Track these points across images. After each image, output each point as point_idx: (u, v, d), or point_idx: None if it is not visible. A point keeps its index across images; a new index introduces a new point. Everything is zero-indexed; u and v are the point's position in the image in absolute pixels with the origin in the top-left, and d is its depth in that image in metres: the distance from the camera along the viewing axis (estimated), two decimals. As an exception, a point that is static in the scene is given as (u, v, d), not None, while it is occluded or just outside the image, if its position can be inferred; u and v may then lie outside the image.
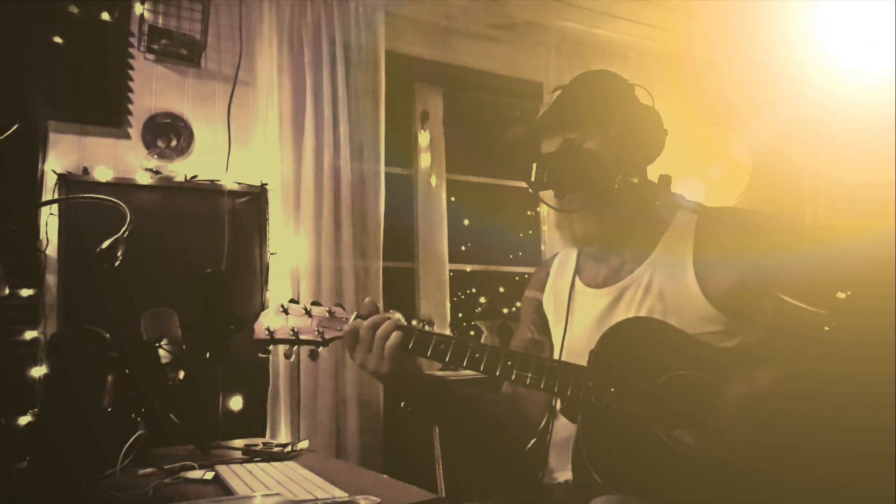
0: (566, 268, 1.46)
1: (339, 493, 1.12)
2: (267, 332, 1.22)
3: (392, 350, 1.17)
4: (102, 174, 2.32)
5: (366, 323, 1.20)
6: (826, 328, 1.08)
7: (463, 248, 3.33)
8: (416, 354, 1.20)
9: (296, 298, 1.27)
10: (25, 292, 2.15)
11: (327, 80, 2.63)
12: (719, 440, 1.08)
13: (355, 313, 1.23)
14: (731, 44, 3.16)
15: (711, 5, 3.17)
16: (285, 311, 1.24)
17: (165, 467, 1.37)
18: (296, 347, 1.24)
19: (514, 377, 1.15)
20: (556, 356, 1.36)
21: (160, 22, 2.48)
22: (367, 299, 1.26)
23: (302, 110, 2.60)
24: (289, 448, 1.62)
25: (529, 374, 1.15)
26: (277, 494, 1.12)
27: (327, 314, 1.24)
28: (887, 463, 1.01)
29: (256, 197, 2.55)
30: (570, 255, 1.48)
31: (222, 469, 1.35)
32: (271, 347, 1.25)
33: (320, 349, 1.24)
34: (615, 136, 1.30)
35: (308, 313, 1.24)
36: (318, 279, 2.53)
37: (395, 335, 1.18)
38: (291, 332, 1.22)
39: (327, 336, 1.22)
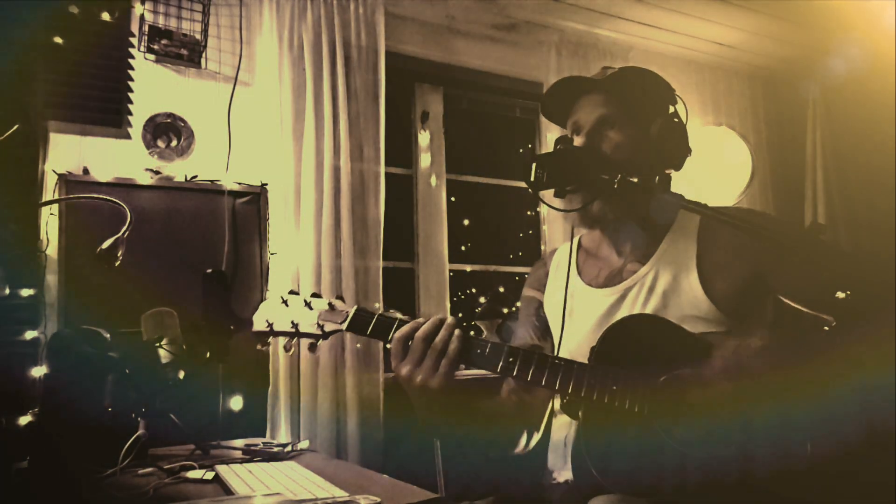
0: (566, 266, 1.46)
1: (339, 493, 1.12)
2: (266, 324, 1.21)
3: (449, 366, 1.13)
4: (102, 174, 2.32)
5: (419, 333, 1.13)
6: (826, 328, 1.08)
7: (463, 248, 3.33)
8: None
9: (296, 290, 1.26)
10: (25, 292, 2.15)
11: (327, 80, 2.64)
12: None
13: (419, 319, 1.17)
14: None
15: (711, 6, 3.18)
16: (285, 303, 1.22)
17: (165, 467, 1.37)
18: (295, 340, 1.22)
19: (515, 373, 1.15)
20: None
21: (160, 22, 2.48)
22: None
23: (302, 110, 2.60)
24: (289, 448, 1.62)
25: (531, 371, 1.14)
26: (277, 494, 1.12)
27: (328, 307, 1.22)
28: (888, 464, 1.01)
29: (256, 197, 2.55)
30: (570, 253, 1.47)
31: (222, 469, 1.35)
32: (271, 340, 1.23)
33: (320, 342, 1.22)
34: (654, 135, 1.30)
35: (308, 305, 1.22)
36: (318, 279, 2.53)
37: (454, 347, 1.13)
38: (291, 325, 1.21)
39: (327, 329, 1.21)
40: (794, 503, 1.04)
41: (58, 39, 2.30)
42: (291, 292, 1.24)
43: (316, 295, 1.24)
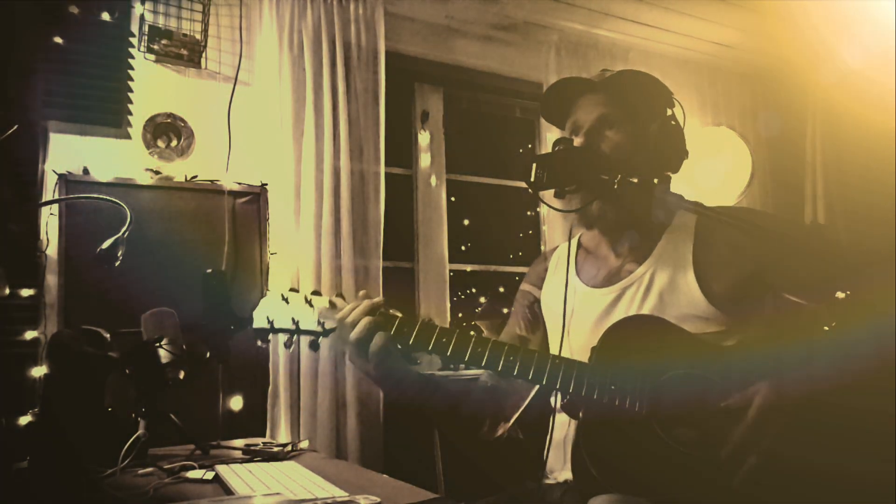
0: (565, 265, 1.46)
1: (339, 493, 1.12)
2: (267, 321, 1.21)
3: (376, 354, 1.17)
4: (102, 174, 2.32)
5: (348, 320, 1.18)
6: (825, 328, 1.08)
7: (463, 248, 3.33)
8: (418, 350, 1.20)
9: (296, 288, 1.26)
10: (25, 292, 2.15)
11: (327, 80, 2.63)
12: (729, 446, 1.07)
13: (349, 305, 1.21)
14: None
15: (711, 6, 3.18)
16: (286, 301, 1.22)
17: (165, 467, 1.37)
18: (296, 337, 1.22)
19: (516, 373, 1.15)
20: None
21: (160, 22, 2.48)
22: (361, 292, 1.25)
23: (302, 110, 2.60)
24: (289, 448, 1.62)
25: (532, 370, 1.15)
26: (277, 494, 1.12)
27: (328, 304, 1.23)
28: (888, 463, 1.01)
29: (256, 197, 2.55)
30: (569, 251, 1.48)
31: (222, 469, 1.35)
32: (271, 338, 1.23)
33: (321, 339, 1.23)
34: (652, 136, 1.31)
35: (309, 303, 1.23)
36: (318, 279, 2.53)
37: (377, 338, 1.17)
38: (292, 322, 1.21)
39: (328, 326, 1.21)
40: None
41: (58, 39, 2.30)
42: (292, 290, 1.24)
43: (316, 293, 1.24)
